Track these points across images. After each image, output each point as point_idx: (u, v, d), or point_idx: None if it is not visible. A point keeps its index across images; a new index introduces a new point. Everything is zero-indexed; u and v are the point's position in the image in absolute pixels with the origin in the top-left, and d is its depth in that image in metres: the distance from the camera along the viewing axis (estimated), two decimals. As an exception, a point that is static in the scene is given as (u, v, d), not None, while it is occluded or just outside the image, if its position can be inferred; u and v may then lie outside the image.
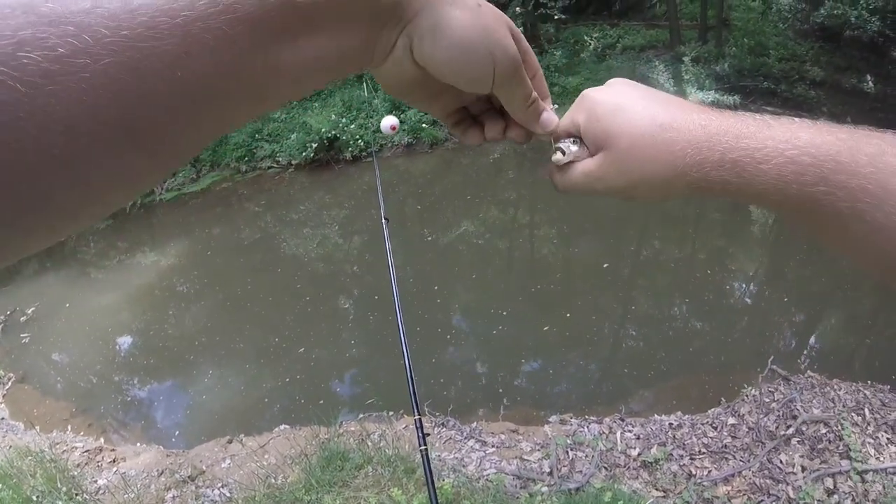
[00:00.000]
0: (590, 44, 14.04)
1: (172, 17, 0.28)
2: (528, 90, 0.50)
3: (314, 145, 11.04)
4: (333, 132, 11.09)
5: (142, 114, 0.28)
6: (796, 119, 0.42)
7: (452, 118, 0.54)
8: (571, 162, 0.51)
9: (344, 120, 11.38)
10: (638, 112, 0.46)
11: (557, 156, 0.51)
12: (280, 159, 11.50)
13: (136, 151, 0.29)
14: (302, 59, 0.35)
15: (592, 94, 0.51)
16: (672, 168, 0.44)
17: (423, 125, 11.36)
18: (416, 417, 1.62)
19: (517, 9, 13.16)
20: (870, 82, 11.11)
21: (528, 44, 0.51)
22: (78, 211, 0.29)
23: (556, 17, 12.91)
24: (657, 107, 0.46)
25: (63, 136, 0.25)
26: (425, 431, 1.65)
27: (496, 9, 0.46)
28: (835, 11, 10.06)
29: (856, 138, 0.38)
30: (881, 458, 3.27)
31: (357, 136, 11.02)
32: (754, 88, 11.66)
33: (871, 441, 3.39)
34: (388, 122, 2.53)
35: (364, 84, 11.33)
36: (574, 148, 0.50)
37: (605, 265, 6.58)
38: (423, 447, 1.58)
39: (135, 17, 0.27)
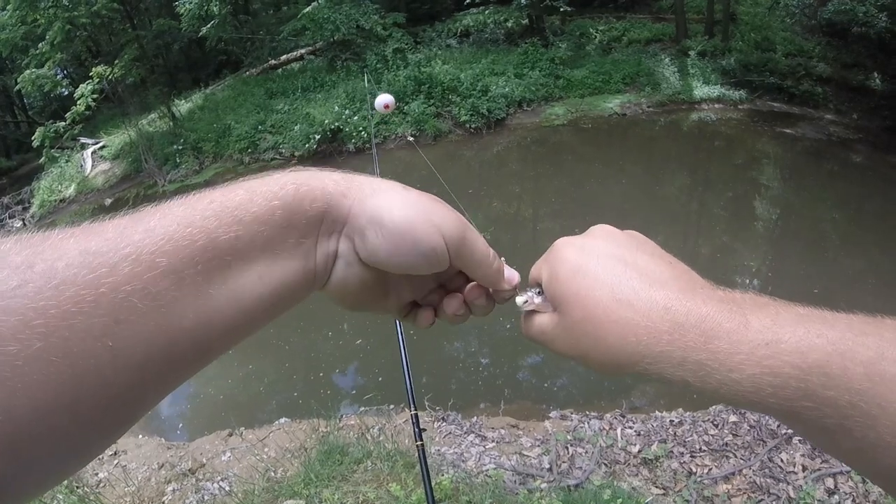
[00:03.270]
0: (595, 36, 13.98)
1: (97, 288, 0.28)
2: (485, 248, 0.46)
3: (317, 137, 11.03)
4: (337, 124, 11.09)
5: (81, 394, 0.28)
6: (781, 310, 0.35)
7: (405, 311, 0.51)
8: (535, 311, 0.47)
9: (347, 111, 11.36)
10: (598, 279, 0.41)
11: (519, 299, 0.48)
12: (283, 150, 11.50)
13: (80, 430, 0.29)
14: (238, 294, 0.35)
15: (560, 250, 0.45)
16: (623, 353, 0.39)
17: (427, 116, 11.32)
18: (413, 412, 1.63)
19: (522, 0, 13.08)
20: (877, 80, 11.04)
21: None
22: (26, 492, 0.29)
23: (561, 10, 12.84)
24: (623, 275, 0.40)
25: (5, 425, 0.25)
26: (423, 426, 1.65)
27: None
28: (843, 7, 9.97)
29: (849, 338, 0.32)
30: (883, 458, 3.25)
31: (360, 128, 11.01)
32: (760, 84, 11.60)
33: (873, 441, 3.37)
34: (383, 99, 2.32)
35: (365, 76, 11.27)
36: (537, 299, 0.47)
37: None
38: (419, 442, 1.59)
39: (60, 293, 0.27)
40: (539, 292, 0.47)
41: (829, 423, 0.32)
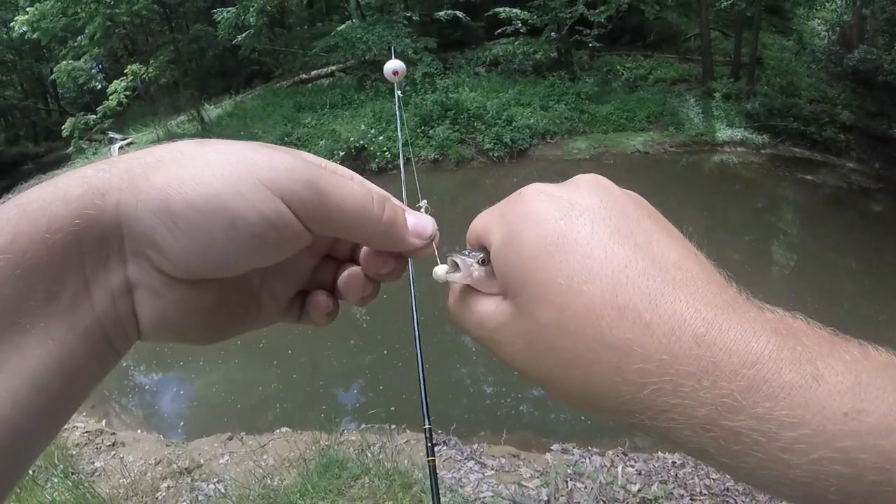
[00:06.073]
0: (622, 73, 14.08)
1: None
2: (361, 195, 0.31)
3: (342, 153, 11.15)
4: (362, 142, 11.22)
5: None
6: (858, 354, 0.26)
7: (294, 310, 0.37)
8: (470, 287, 0.31)
9: (373, 131, 11.49)
10: (592, 263, 0.26)
11: (439, 271, 0.33)
12: (306, 164, 11.63)
13: None
14: None
15: (528, 201, 0.31)
16: (608, 394, 0.25)
17: (451, 142, 11.41)
18: (427, 427, 1.52)
19: (552, 34, 13.24)
20: (900, 129, 10.98)
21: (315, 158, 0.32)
22: None
23: (590, 45, 12.97)
24: (632, 263, 0.26)
25: None
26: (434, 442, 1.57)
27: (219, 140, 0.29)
28: (868, 56, 9.99)
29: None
30: (889, 518, 3.17)
31: (385, 148, 11.11)
32: (784, 128, 11.58)
33: (880, 499, 3.29)
34: (392, 65, 2.10)
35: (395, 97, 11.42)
36: (476, 272, 0.31)
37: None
38: (430, 458, 1.46)
39: None
40: (482, 260, 0.31)
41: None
